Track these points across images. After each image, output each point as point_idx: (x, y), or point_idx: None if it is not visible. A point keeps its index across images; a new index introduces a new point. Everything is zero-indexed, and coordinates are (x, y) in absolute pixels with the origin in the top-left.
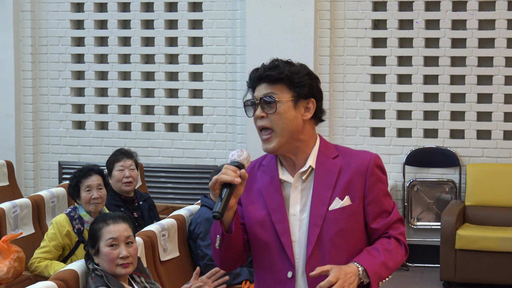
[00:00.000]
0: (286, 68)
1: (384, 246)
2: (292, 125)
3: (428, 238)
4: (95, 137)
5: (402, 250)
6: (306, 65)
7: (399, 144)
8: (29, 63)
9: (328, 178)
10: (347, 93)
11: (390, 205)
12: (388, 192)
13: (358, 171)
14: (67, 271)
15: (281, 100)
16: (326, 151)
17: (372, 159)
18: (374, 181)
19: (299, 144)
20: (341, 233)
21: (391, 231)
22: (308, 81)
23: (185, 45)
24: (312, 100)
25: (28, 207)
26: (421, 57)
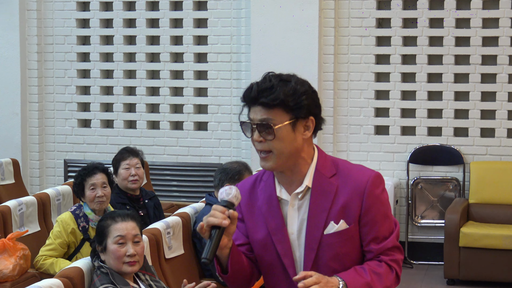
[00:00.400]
0: (280, 92)
1: (373, 268)
2: (291, 147)
3: (432, 235)
4: (101, 135)
5: (391, 276)
6: (302, 80)
7: (403, 142)
8: (35, 61)
9: (324, 200)
10: (351, 91)
11: (388, 229)
12: (388, 215)
13: (354, 192)
14: (72, 268)
15: (279, 125)
16: (323, 169)
17: (371, 179)
18: (371, 203)
19: (298, 161)
20: (337, 257)
21: (383, 257)
22: (305, 101)
23: (190, 43)
24: (311, 119)
25: (34, 205)
26: (425, 55)
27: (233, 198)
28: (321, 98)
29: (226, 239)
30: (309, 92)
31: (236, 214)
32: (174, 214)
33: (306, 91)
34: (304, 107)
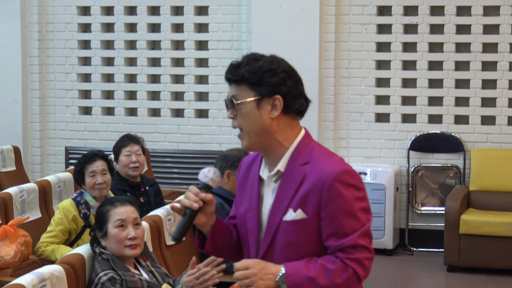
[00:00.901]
0: (244, 69)
1: (325, 262)
2: (257, 125)
3: (432, 223)
4: (102, 122)
5: (345, 275)
6: (275, 59)
7: (403, 129)
8: (36, 49)
9: (290, 187)
10: (352, 79)
11: (351, 226)
12: (352, 212)
13: (317, 183)
14: (73, 255)
15: (243, 101)
16: (298, 156)
17: (334, 174)
18: (332, 197)
19: (272, 143)
20: (291, 245)
21: (340, 253)
22: (269, 78)
23: (191, 31)
24: (277, 97)
25: (35, 191)
26: (426, 43)
27: (209, 181)
28: (322, 86)
29: (204, 218)
30: (278, 71)
31: (210, 197)
32: (175, 201)
33: (273, 69)
34: (266, 84)
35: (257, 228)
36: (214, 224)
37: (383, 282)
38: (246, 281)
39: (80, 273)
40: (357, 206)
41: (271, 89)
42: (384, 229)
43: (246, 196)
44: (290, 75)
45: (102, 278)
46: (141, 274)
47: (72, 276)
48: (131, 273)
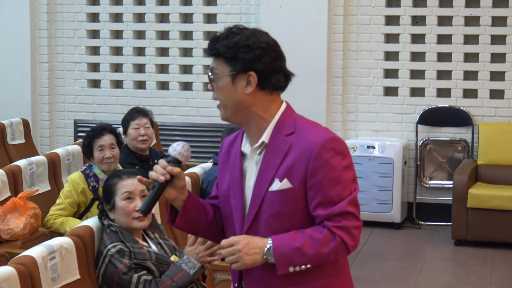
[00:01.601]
0: (220, 43)
1: (312, 233)
2: (232, 99)
3: (440, 196)
4: (110, 95)
5: (333, 243)
6: (253, 34)
7: (412, 103)
8: (45, 22)
9: (275, 157)
10: (361, 53)
11: (339, 195)
12: (339, 180)
13: (303, 152)
14: (82, 227)
15: (219, 75)
16: (282, 127)
17: (321, 142)
18: (318, 166)
19: (251, 117)
20: (276, 216)
21: (327, 222)
22: (244, 55)
23: (200, 4)
24: (251, 74)
25: (44, 164)
26: (435, 16)
27: (177, 155)
28: (330, 60)
29: (174, 192)
30: (253, 47)
31: (177, 170)
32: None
33: (248, 45)
34: (241, 61)
35: (241, 202)
36: (186, 199)
37: (390, 255)
38: (232, 257)
39: (89, 245)
40: (344, 174)
41: (245, 65)
42: (392, 202)
43: (227, 173)
44: (267, 51)
45: (111, 250)
46: (149, 246)
47: (81, 248)
48: (139, 245)
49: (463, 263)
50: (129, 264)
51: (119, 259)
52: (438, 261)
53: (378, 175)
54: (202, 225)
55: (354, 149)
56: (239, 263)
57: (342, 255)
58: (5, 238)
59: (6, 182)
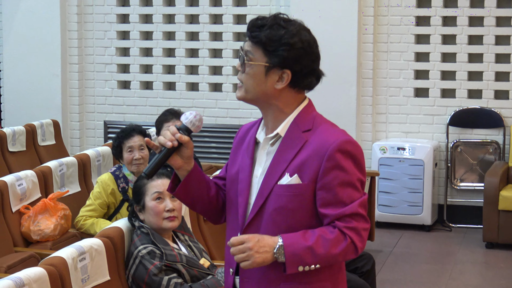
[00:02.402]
0: (265, 33)
1: (323, 233)
2: (259, 89)
3: (471, 199)
4: (140, 96)
5: (343, 244)
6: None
7: (443, 104)
8: (75, 23)
9: (289, 152)
10: (391, 54)
11: (350, 197)
12: (351, 183)
13: (317, 151)
14: (112, 228)
15: (254, 62)
16: (301, 122)
17: (336, 143)
18: (331, 166)
19: (270, 107)
20: (281, 210)
21: (338, 222)
22: (284, 52)
23: (230, 5)
24: (286, 71)
25: (74, 165)
26: (466, 17)
27: (188, 123)
28: (360, 60)
29: (180, 161)
30: (296, 46)
31: (185, 138)
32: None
33: (291, 43)
34: (279, 57)
35: (247, 189)
36: (191, 171)
37: (421, 258)
38: (242, 255)
39: (119, 247)
40: (356, 177)
41: (283, 62)
42: (423, 205)
43: (239, 158)
44: (308, 52)
45: (142, 252)
46: (179, 248)
47: (111, 249)
48: (170, 247)
49: (494, 266)
50: (160, 266)
51: (149, 261)
52: (469, 264)
53: (408, 177)
54: (201, 200)
55: (384, 150)
56: (249, 262)
57: (351, 257)
58: (36, 239)
59: (37, 183)
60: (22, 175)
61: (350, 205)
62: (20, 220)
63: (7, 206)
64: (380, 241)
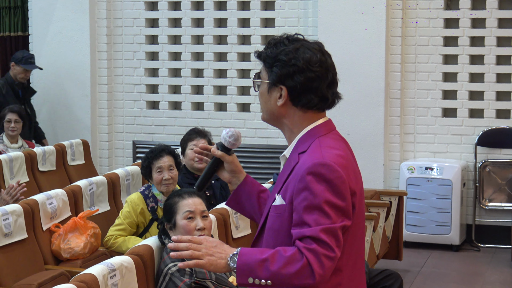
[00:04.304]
0: (268, 50)
1: (281, 249)
2: (267, 107)
3: (499, 219)
4: (169, 116)
5: (299, 264)
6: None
7: (471, 124)
8: (104, 44)
9: (285, 173)
10: (419, 74)
11: (315, 220)
12: (318, 206)
13: (296, 172)
14: (142, 246)
15: (258, 80)
16: (301, 144)
17: (309, 165)
18: (301, 188)
19: (283, 128)
20: (271, 231)
21: (299, 242)
22: (277, 69)
23: (258, 26)
24: (282, 88)
25: (104, 184)
26: (494, 37)
27: (222, 140)
28: (388, 81)
29: (227, 175)
30: (289, 63)
31: (218, 153)
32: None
33: (284, 60)
34: (274, 73)
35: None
36: (240, 184)
37: (449, 278)
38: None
39: (148, 264)
40: (325, 200)
41: (277, 78)
42: (451, 224)
43: None
44: (303, 70)
45: (172, 269)
46: None
47: (141, 266)
48: None
49: None
50: (189, 283)
51: (179, 278)
52: (497, 284)
53: (436, 197)
54: (254, 213)
55: (412, 170)
56: (200, 261)
57: (307, 282)
58: (66, 257)
59: (67, 202)
60: (52, 194)
61: (312, 227)
62: (50, 238)
63: (38, 224)
64: (408, 261)
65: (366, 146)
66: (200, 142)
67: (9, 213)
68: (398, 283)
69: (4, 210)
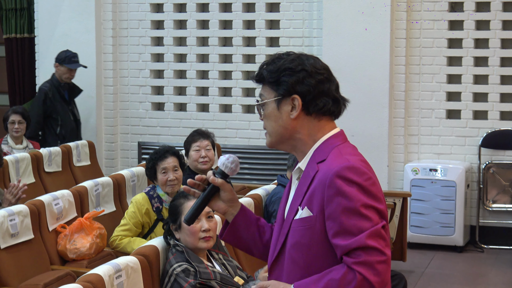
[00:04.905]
0: (265, 68)
1: (333, 274)
2: (278, 126)
3: (503, 220)
4: (174, 118)
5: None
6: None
7: (475, 126)
8: (110, 46)
9: (304, 185)
10: (423, 75)
11: (356, 226)
12: (355, 210)
13: (321, 180)
14: (148, 246)
15: (266, 102)
16: (318, 154)
17: (335, 169)
18: (332, 194)
19: (296, 143)
20: (297, 246)
21: (346, 258)
22: (286, 78)
23: (263, 28)
24: (295, 97)
25: (110, 185)
26: (498, 39)
27: (222, 166)
28: (393, 82)
29: (223, 205)
30: (296, 69)
31: (218, 181)
32: (246, 195)
33: (291, 68)
34: (284, 84)
35: (278, 228)
36: (237, 214)
37: (453, 278)
38: None
39: (154, 264)
40: (361, 203)
41: (288, 88)
42: (455, 226)
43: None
44: (312, 73)
45: (177, 269)
46: (214, 266)
47: (146, 267)
48: (204, 265)
49: None
50: (194, 284)
51: (184, 278)
52: (501, 285)
53: (440, 198)
54: (253, 243)
55: (417, 172)
56: None
57: None
58: (72, 257)
59: (73, 203)
60: (58, 195)
61: (357, 237)
62: (56, 238)
63: (44, 225)
64: (412, 262)
65: (370, 148)
66: (203, 143)
67: (16, 213)
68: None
69: (10, 210)
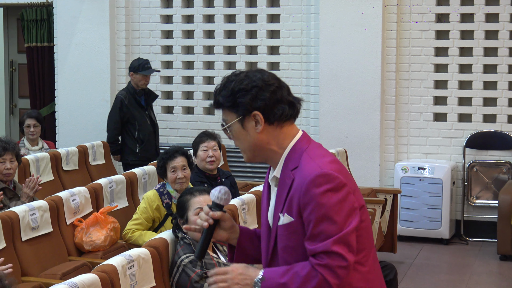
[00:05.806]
0: (220, 95)
1: (298, 268)
2: (248, 143)
3: (486, 215)
4: (182, 120)
5: (315, 281)
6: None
7: (460, 128)
8: (123, 54)
9: (283, 192)
10: (412, 81)
11: (325, 232)
12: (327, 217)
13: (298, 187)
14: (158, 239)
15: (230, 124)
16: (289, 161)
17: (311, 177)
18: (307, 201)
19: (267, 153)
20: (287, 249)
21: (312, 259)
22: (241, 99)
23: (264, 37)
24: (256, 113)
25: (123, 182)
26: (481, 48)
27: (217, 200)
28: (384, 88)
29: (225, 234)
30: (248, 88)
31: (217, 214)
32: (249, 192)
33: (242, 88)
34: (240, 105)
35: (266, 233)
36: (239, 236)
37: (440, 269)
38: (223, 284)
39: (164, 256)
40: (334, 210)
41: (246, 107)
42: (441, 220)
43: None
44: (263, 87)
45: (184, 260)
46: (219, 257)
47: (156, 258)
48: (210, 257)
49: (508, 277)
50: (201, 274)
51: (191, 269)
52: (484, 275)
53: (428, 195)
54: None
55: (406, 170)
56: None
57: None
58: (88, 249)
59: (89, 199)
60: (75, 191)
61: (324, 242)
62: (73, 232)
63: (62, 219)
64: (402, 253)
65: (363, 148)
66: (210, 143)
67: (36, 208)
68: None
69: (31, 206)
